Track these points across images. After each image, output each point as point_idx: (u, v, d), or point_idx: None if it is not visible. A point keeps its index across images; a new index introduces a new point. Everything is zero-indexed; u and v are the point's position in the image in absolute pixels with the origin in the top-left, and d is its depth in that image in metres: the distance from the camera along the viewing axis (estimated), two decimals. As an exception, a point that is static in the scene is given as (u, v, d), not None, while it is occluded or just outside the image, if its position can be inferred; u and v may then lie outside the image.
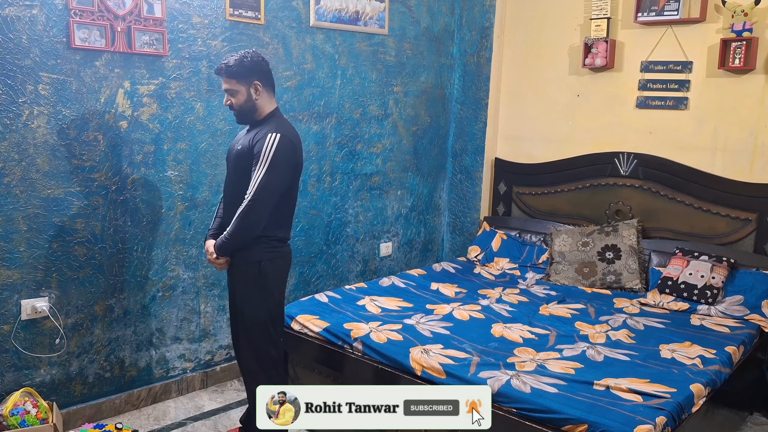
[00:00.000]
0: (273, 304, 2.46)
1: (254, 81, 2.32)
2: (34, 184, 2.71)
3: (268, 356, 2.47)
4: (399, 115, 4.17)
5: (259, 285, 2.39)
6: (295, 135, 2.39)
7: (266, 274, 2.38)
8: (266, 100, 2.38)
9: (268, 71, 2.39)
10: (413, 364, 2.54)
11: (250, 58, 2.33)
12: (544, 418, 2.18)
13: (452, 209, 4.59)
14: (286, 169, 2.26)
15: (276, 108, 2.43)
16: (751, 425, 3.14)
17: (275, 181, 2.23)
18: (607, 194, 3.89)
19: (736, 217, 3.44)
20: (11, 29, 2.57)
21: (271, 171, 2.22)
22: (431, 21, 4.25)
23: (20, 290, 2.73)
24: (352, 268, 4.07)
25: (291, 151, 2.29)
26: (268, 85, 2.39)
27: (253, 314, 2.44)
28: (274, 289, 2.44)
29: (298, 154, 2.37)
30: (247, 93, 2.34)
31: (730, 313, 3.17)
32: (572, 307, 3.27)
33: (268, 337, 2.46)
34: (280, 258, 2.44)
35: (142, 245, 3.07)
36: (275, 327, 2.49)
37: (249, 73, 2.31)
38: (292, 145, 2.29)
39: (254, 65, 2.32)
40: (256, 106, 2.36)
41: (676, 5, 3.50)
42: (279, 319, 2.52)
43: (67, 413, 2.91)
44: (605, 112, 3.91)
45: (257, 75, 2.33)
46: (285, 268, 2.50)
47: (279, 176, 2.24)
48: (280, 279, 2.48)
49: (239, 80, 2.33)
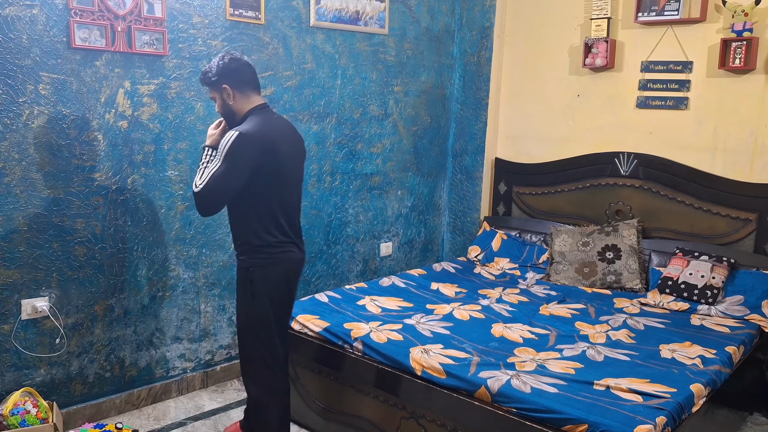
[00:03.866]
0: (264, 310, 2.39)
1: (222, 85, 2.32)
2: (34, 184, 2.71)
3: (259, 358, 2.45)
4: (399, 115, 4.17)
5: (247, 290, 2.38)
6: (263, 135, 2.27)
7: (254, 280, 2.36)
8: (241, 101, 2.34)
9: (239, 70, 2.32)
10: (413, 364, 2.54)
11: (217, 64, 2.31)
12: (544, 418, 2.18)
13: (452, 209, 4.59)
14: (239, 166, 2.20)
15: (256, 106, 2.36)
16: (751, 425, 3.14)
17: (223, 174, 2.19)
18: (608, 194, 3.89)
19: (737, 217, 3.44)
20: (11, 29, 2.57)
21: (224, 163, 2.20)
22: (431, 21, 4.25)
23: (20, 290, 2.73)
24: (352, 267, 4.07)
25: (249, 148, 2.21)
26: (242, 84, 2.33)
27: (242, 317, 2.44)
28: (264, 295, 2.38)
29: (261, 153, 2.25)
30: (221, 98, 2.35)
31: (731, 313, 3.17)
32: (572, 307, 3.27)
33: (259, 340, 2.42)
34: (271, 264, 2.38)
35: (142, 245, 3.07)
36: (268, 331, 2.42)
37: (217, 79, 2.31)
38: (250, 142, 2.22)
39: (219, 70, 2.30)
40: (233, 109, 2.35)
41: (677, 5, 3.50)
42: (275, 323, 2.44)
43: (67, 413, 2.91)
44: (605, 112, 3.91)
45: (224, 79, 2.30)
46: (278, 273, 2.40)
47: (229, 171, 2.19)
48: (272, 285, 2.39)
49: (212, 88, 2.34)
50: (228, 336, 3.48)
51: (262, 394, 2.47)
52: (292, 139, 2.46)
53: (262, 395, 2.47)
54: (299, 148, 2.51)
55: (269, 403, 2.48)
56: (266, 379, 2.47)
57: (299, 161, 2.51)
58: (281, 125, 2.42)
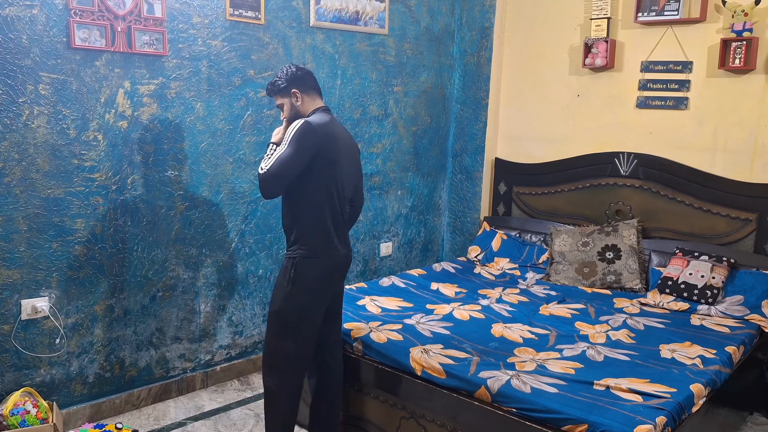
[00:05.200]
0: (299, 300, 2.43)
1: (292, 90, 2.50)
2: (34, 184, 2.71)
3: (281, 349, 2.45)
4: (399, 115, 4.17)
5: (287, 278, 2.44)
6: (326, 127, 2.44)
7: (296, 269, 2.42)
8: (308, 102, 2.53)
9: (304, 77, 2.52)
10: (413, 364, 2.54)
11: (285, 72, 2.51)
12: (544, 418, 2.18)
13: (452, 209, 4.59)
14: (303, 150, 2.36)
15: (319, 107, 2.53)
16: (751, 425, 3.14)
17: (289, 157, 2.35)
18: (607, 194, 3.89)
19: (736, 217, 3.44)
20: (11, 29, 2.57)
21: (289, 147, 2.36)
22: (431, 21, 4.25)
23: (20, 290, 2.73)
24: (352, 268, 4.07)
25: (312, 134, 2.37)
26: (308, 89, 2.53)
27: (275, 304, 2.46)
28: (303, 285, 2.42)
29: (323, 141, 2.40)
30: (290, 103, 2.52)
31: (730, 313, 3.17)
32: (572, 307, 3.27)
33: (285, 331, 2.44)
34: (317, 258, 2.45)
35: (142, 245, 3.07)
36: (297, 324, 2.44)
37: (287, 86, 2.50)
38: (313, 130, 2.38)
39: (288, 77, 2.50)
40: (300, 111, 2.52)
41: (676, 5, 3.50)
42: (306, 318, 2.46)
43: (67, 413, 2.91)
44: (605, 112, 3.91)
45: (293, 85, 2.50)
46: (321, 267, 2.46)
47: (294, 154, 2.35)
48: (313, 277, 2.44)
49: (281, 94, 2.52)
50: (228, 336, 3.48)
51: (274, 384, 2.47)
52: (350, 140, 2.60)
53: (274, 386, 2.47)
54: (356, 152, 2.64)
55: (279, 396, 2.47)
56: (283, 370, 2.46)
57: (356, 163, 2.62)
58: (340, 126, 2.58)
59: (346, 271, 2.61)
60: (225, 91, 3.27)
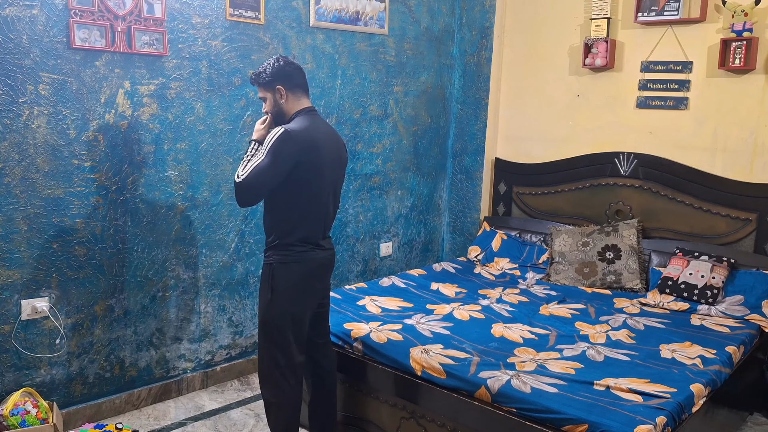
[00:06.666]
0: (281, 308, 2.38)
1: (277, 86, 2.41)
2: (34, 184, 2.71)
3: (272, 359, 2.41)
4: (399, 115, 4.17)
5: (268, 287, 2.39)
6: (307, 133, 2.35)
7: (275, 276, 2.37)
8: (293, 102, 2.44)
9: (292, 73, 2.43)
10: (413, 364, 2.54)
11: (272, 65, 2.41)
12: (544, 418, 2.18)
13: (452, 209, 4.59)
14: (281, 161, 2.28)
15: (304, 108, 2.45)
16: (751, 425, 3.14)
17: (266, 167, 2.28)
18: (607, 194, 3.89)
19: (736, 217, 3.44)
20: (11, 29, 2.57)
21: (266, 157, 2.28)
22: (431, 21, 4.25)
23: (20, 290, 2.73)
24: (352, 268, 4.07)
25: (292, 145, 2.28)
26: (294, 86, 2.44)
27: (260, 314, 2.44)
28: (283, 293, 2.37)
29: (303, 151, 2.31)
30: (273, 98, 2.43)
31: (731, 313, 3.17)
32: (572, 307, 3.27)
33: (273, 340, 2.40)
34: (296, 262, 2.39)
35: (142, 245, 3.07)
36: (283, 332, 2.39)
37: (272, 80, 2.40)
38: (294, 140, 2.29)
39: (274, 72, 2.40)
40: (283, 109, 2.44)
41: (676, 5, 3.50)
42: (291, 325, 2.40)
43: (67, 413, 2.91)
44: (605, 112, 3.91)
45: (279, 80, 2.41)
46: (300, 272, 2.40)
47: (271, 165, 2.27)
48: (292, 283, 2.38)
49: (265, 88, 2.43)
50: (228, 336, 3.48)
51: (271, 396, 2.44)
52: (335, 145, 2.50)
53: (271, 397, 2.44)
54: (341, 156, 2.53)
55: (278, 406, 2.44)
56: (277, 382, 2.42)
57: (339, 167, 2.53)
58: (326, 130, 2.48)
59: (331, 269, 2.55)
60: (225, 91, 3.27)
